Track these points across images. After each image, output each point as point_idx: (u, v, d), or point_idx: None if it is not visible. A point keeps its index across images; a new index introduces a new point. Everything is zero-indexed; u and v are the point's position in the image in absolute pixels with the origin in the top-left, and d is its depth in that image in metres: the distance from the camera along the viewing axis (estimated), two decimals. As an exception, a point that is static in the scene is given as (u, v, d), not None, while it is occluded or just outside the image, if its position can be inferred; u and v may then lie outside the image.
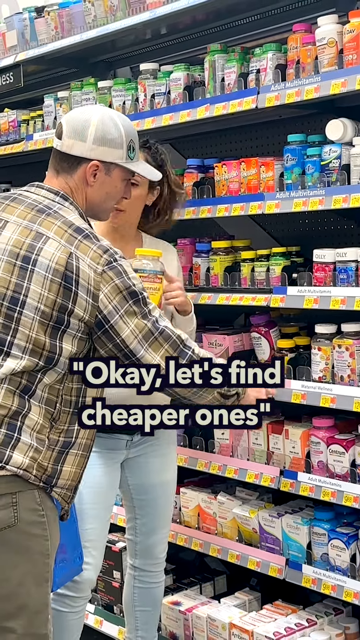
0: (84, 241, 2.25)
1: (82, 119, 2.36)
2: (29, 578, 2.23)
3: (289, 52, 2.98)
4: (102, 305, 2.24)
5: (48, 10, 3.96)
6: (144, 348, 2.28)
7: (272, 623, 3.07)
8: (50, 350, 2.23)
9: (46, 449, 2.25)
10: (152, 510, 3.06)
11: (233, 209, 3.16)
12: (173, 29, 3.67)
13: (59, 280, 2.21)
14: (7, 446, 2.20)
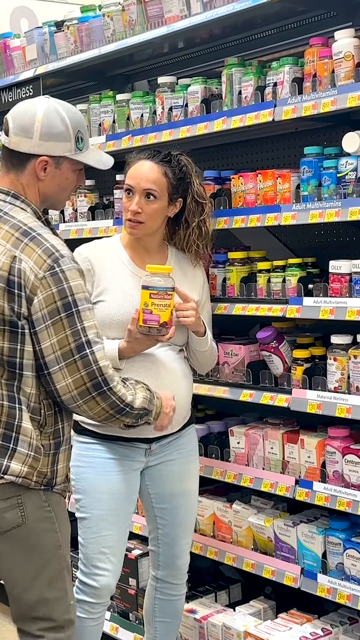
0: (29, 244, 2.22)
1: (27, 114, 2.32)
2: (44, 571, 2.30)
3: (306, 65, 2.97)
4: (33, 310, 2.20)
5: (68, 24, 3.96)
6: (58, 366, 2.22)
7: (288, 632, 3.04)
8: (10, 355, 2.22)
9: (43, 457, 2.29)
10: (173, 519, 3.02)
11: (249, 220, 3.14)
12: (190, 43, 3.67)
13: (3, 285, 2.20)
14: (4, 456, 2.23)
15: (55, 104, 2.36)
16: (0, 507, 2.24)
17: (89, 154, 2.43)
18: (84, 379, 2.23)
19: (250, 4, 2.98)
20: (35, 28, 4.28)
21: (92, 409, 2.28)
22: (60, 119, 2.33)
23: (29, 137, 2.30)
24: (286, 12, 3.20)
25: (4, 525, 2.26)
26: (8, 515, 2.25)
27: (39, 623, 2.34)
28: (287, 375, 3.10)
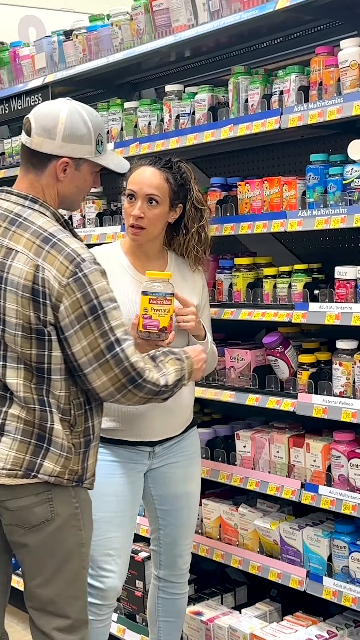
0: (51, 251, 2.23)
1: (51, 116, 2.32)
2: (64, 568, 2.34)
3: (312, 74, 2.97)
4: (60, 317, 2.22)
5: (76, 33, 3.97)
6: (92, 367, 2.25)
7: (293, 634, 3.04)
8: (37, 361, 2.24)
9: (75, 456, 2.32)
10: (175, 520, 3.03)
11: (256, 227, 3.15)
12: (197, 52, 3.68)
13: (28, 295, 2.22)
14: (38, 456, 2.27)
15: (77, 106, 2.37)
16: (32, 502, 2.28)
17: (108, 157, 2.45)
18: (118, 376, 2.26)
19: (257, 14, 2.99)
20: (44, 37, 4.29)
21: (130, 400, 2.33)
22: (83, 122, 2.33)
23: (51, 138, 2.31)
24: (292, 21, 3.21)
25: (33, 519, 2.29)
26: (38, 510, 2.29)
27: (53, 621, 2.37)
28: (293, 380, 3.10)
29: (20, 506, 2.28)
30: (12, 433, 2.26)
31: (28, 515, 2.29)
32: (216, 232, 3.31)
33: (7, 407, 2.28)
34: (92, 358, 2.23)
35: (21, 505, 2.28)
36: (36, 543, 2.31)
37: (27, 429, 2.26)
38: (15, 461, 2.25)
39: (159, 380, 2.34)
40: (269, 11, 2.95)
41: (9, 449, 2.26)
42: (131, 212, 2.81)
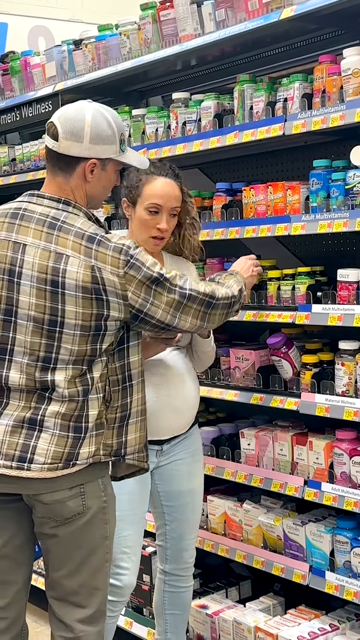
0: (99, 249, 2.28)
1: (77, 119, 2.32)
2: (89, 560, 2.36)
3: (315, 81, 2.97)
4: (132, 302, 2.30)
5: (86, 42, 3.97)
6: (177, 317, 2.38)
7: (296, 627, 3.03)
8: (91, 355, 2.30)
9: (107, 430, 2.35)
10: (181, 516, 3.03)
11: (260, 230, 3.14)
12: (203, 60, 3.68)
13: (89, 295, 2.26)
14: (75, 447, 2.30)
15: (99, 107, 2.38)
16: (65, 496, 2.30)
17: (129, 155, 2.46)
18: (198, 309, 2.42)
19: (262, 23, 2.99)
20: (54, 46, 4.29)
21: (215, 322, 2.52)
22: (107, 123, 2.35)
23: (79, 141, 2.32)
24: (296, 30, 3.20)
25: (66, 512, 2.31)
26: (71, 503, 2.31)
27: (75, 611, 2.38)
28: (296, 380, 3.10)
29: (55, 500, 2.30)
30: (51, 429, 2.28)
31: (61, 509, 2.31)
32: (222, 236, 3.31)
33: (46, 405, 2.29)
34: (174, 311, 2.37)
35: (56, 499, 2.30)
36: (65, 535, 2.33)
37: (64, 424, 2.28)
38: (55, 455, 2.27)
39: (227, 294, 2.53)
40: (273, 21, 2.95)
41: (49, 444, 2.27)
42: (156, 225, 2.79)
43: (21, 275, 2.28)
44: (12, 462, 2.27)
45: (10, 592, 2.43)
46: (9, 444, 2.28)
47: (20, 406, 2.30)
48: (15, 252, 2.30)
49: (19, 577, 2.44)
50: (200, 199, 3.58)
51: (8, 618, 2.44)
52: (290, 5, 2.91)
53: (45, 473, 2.27)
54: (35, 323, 2.27)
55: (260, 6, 3.03)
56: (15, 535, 2.40)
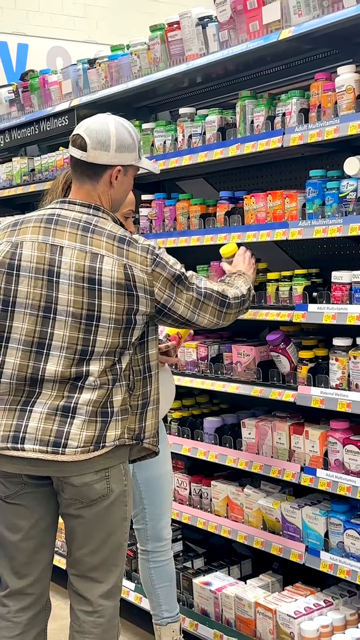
0: (130, 249, 2.33)
1: (103, 131, 2.37)
2: (109, 539, 2.39)
3: (312, 97, 2.96)
4: (158, 297, 2.35)
5: (99, 62, 3.97)
6: (196, 314, 2.45)
7: (293, 603, 3.03)
8: (122, 347, 2.34)
9: (131, 415, 2.39)
10: (160, 497, 3.07)
11: (260, 235, 3.14)
12: (208, 78, 3.67)
13: (123, 291, 2.30)
14: (103, 430, 2.32)
15: (119, 119, 2.43)
16: (92, 479, 2.32)
17: (144, 161, 2.52)
18: (214, 307, 2.48)
19: (262, 44, 2.98)
20: (70, 65, 4.29)
21: (228, 319, 2.57)
22: (128, 133, 2.40)
23: (106, 150, 2.36)
24: (293, 50, 3.19)
25: (92, 495, 2.33)
26: (97, 486, 2.33)
27: (94, 586, 2.40)
28: (294, 374, 3.09)
29: (84, 482, 2.32)
30: (83, 415, 2.30)
31: (88, 491, 2.33)
32: (225, 240, 3.30)
33: (79, 393, 2.31)
34: (194, 307, 2.43)
35: (84, 481, 2.31)
36: (90, 516, 2.35)
37: (94, 410, 2.31)
38: (87, 439, 2.29)
39: (237, 294, 2.58)
40: (272, 41, 2.94)
41: (80, 430, 2.29)
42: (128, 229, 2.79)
43: (59, 275, 2.30)
44: (48, 447, 2.28)
45: (36, 571, 2.44)
46: (43, 430, 2.29)
47: (54, 395, 2.31)
48: (53, 254, 2.32)
49: (44, 557, 2.45)
50: (204, 206, 3.57)
51: (34, 594, 2.46)
52: (288, 27, 2.91)
53: (79, 456, 2.28)
54: (74, 318, 2.29)
55: (260, 28, 3.03)
56: (42, 518, 2.41)
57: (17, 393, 2.34)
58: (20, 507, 2.38)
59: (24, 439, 2.29)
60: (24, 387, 2.33)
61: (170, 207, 3.69)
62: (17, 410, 2.32)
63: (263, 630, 3.05)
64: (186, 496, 3.62)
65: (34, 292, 2.31)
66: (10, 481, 2.37)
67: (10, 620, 2.45)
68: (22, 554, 2.41)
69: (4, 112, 4.89)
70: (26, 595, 2.45)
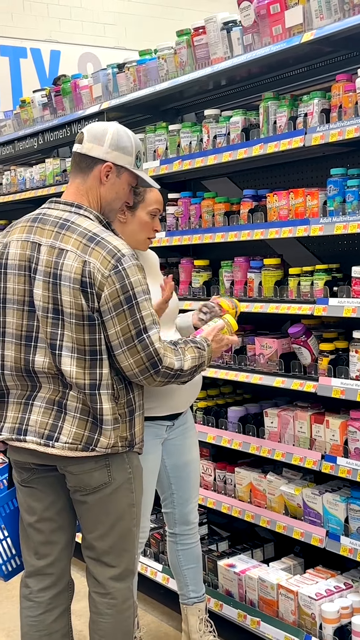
0: (95, 248, 2.24)
1: (102, 128, 2.37)
2: (119, 523, 2.37)
3: (333, 98, 2.92)
4: (101, 303, 2.23)
5: (128, 66, 3.96)
6: (122, 349, 2.25)
7: (314, 585, 3.00)
8: (90, 345, 2.24)
9: (122, 424, 2.32)
10: (187, 483, 3.05)
11: (282, 232, 3.11)
12: (232, 80, 3.64)
13: (78, 286, 2.22)
14: (95, 432, 2.28)
15: (125, 128, 2.42)
16: (92, 467, 2.31)
17: (143, 173, 2.47)
18: (142, 360, 2.26)
19: (285, 46, 2.95)
20: (100, 70, 4.28)
21: (150, 383, 2.33)
22: (127, 136, 2.38)
23: (100, 144, 2.34)
24: (315, 52, 3.15)
25: (93, 482, 2.32)
26: (97, 474, 2.31)
27: (106, 570, 2.39)
28: (315, 365, 3.06)
29: (82, 470, 2.31)
30: (73, 412, 2.28)
31: (89, 479, 2.31)
32: (248, 237, 3.28)
33: (69, 390, 2.29)
34: (123, 341, 2.23)
35: (83, 469, 2.30)
36: (94, 502, 2.34)
37: (85, 409, 2.28)
38: (75, 437, 2.27)
39: (173, 365, 2.31)
40: (295, 44, 2.90)
41: (71, 426, 2.27)
42: (155, 227, 2.79)
43: (36, 271, 2.29)
44: (42, 439, 2.29)
45: (55, 551, 2.45)
46: (40, 423, 2.30)
47: (51, 389, 2.31)
48: (33, 251, 2.31)
49: (62, 538, 2.46)
50: (229, 204, 3.55)
51: (54, 574, 2.47)
52: (310, 30, 2.87)
53: (66, 452, 2.27)
54: (43, 312, 2.27)
55: (283, 31, 2.99)
56: (55, 500, 2.42)
57: (22, 387, 2.35)
58: (35, 490, 2.41)
59: (26, 430, 2.32)
60: (25, 381, 2.34)
61: (196, 205, 3.67)
62: (22, 403, 2.35)
63: (285, 611, 3.03)
64: (211, 482, 3.60)
65: (18, 288, 2.31)
66: (22, 467, 2.41)
67: (33, 600, 2.47)
68: (39, 534, 2.43)
69: (38, 115, 4.90)
70: (46, 575, 2.46)
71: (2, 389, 2.39)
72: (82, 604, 2.63)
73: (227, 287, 3.51)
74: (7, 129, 5.30)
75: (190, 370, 2.38)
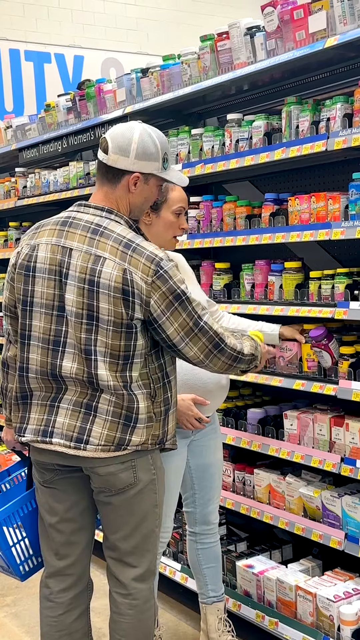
0: (134, 255, 2.24)
1: (125, 136, 2.31)
2: (141, 525, 2.36)
3: (356, 103, 2.90)
4: (152, 309, 2.24)
5: (152, 71, 3.96)
6: (184, 342, 2.28)
7: (333, 587, 2.99)
8: (125, 350, 2.25)
9: (155, 422, 2.33)
10: (210, 484, 3.05)
11: (304, 236, 3.10)
12: (254, 85, 3.63)
13: (119, 295, 2.22)
14: (126, 433, 2.28)
15: (147, 128, 2.36)
16: (118, 469, 2.30)
17: (171, 172, 2.44)
18: (205, 344, 2.30)
19: (308, 51, 2.94)
20: (124, 74, 4.29)
21: (216, 364, 2.36)
22: (152, 142, 2.33)
23: (126, 155, 2.31)
24: (338, 57, 3.13)
25: (118, 483, 2.32)
26: (123, 475, 2.31)
27: (128, 570, 2.38)
28: (335, 368, 3.04)
29: (109, 472, 2.30)
30: (104, 415, 2.27)
31: (114, 480, 2.31)
32: (269, 240, 3.27)
33: (100, 393, 2.28)
34: (184, 335, 2.27)
35: (110, 471, 2.30)
36: (119, 503, 2.33)
37: (117, 411, 2.27)
38: (107, 439, 2.27)
39: (236, 346, 2.38)
40: (318, 49, 2.89)
41: (102, 428, 2.27)
42: (179, 225, 2.79)
43: (68, 276, 2.28)
44: (71, 442, 2.28)
45: (75, 552, 2.45)
46: (68, 426, 2.29)
47: (78, 392, 2.30)
48: (64, 256, 2.29)
49: (82, 538, 2.45)
50: (250, 208, 3.54)
51: (74, 574, 2.46)
52: (333, 35, 2.85)
53: (99, 453, 2.27)
54: (76, 318, 2.27)
55: (306, 36, 2.98)
56: (77, 501, 2.41)
57: (47, 389, 2.34)
58: (57, 491, 2.40)
59: (52, 433, 2.31)
60: (50, 384, 2.33)
61: (217, 208, 3.67)
62: (47, 405, 2.34)
63: (303, 612, 3.01)
64: (230, 483, 3.60)
65: (47, 292, 2.31)
66: (45, 468, 2.40)
67: (53, 601, 2.46)
68: (60, 535, 2.42)
69: (62, 119, 4.91)
70: (67, 575, 2.45)
71: (26, 391, 2.38)
72: (101, 602, 2.64)
73: (248, 290, 3.50)
74: (32, 133, 5.33)
75: (249, 356, 2.43)
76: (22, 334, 2.36)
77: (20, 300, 2.36)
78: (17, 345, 2.40)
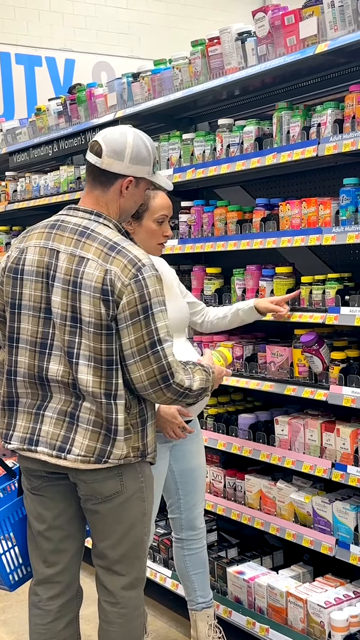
0: (117, 256, 2.22)
1: (120, 141, 2.31)
2: (129, 533, 2.35)
3: (346, 108, 2.92)
4: (118, 311, 2.20)
5: (143, 75, 3.97)
6: (134, 359, 2.21)
7: (324, 593, 2.99)
8: (107, 354, 2.22)
9: (134, 434, 2.30)
10: (194, 488, 3.05)
11: (295, 241, 3.11)
12: (246, 90, 3.65)
13: (99, 295, 2.20)
14: (107, 444, 2.25)
15: (139, 132, 2.38)
16: (104, 477, 2.29)
17: (158, 176, 2.46)
18: (154, 372, 2.22)
19: (299, 57, 2.95)
20: (115, 79, 4.30)
21: (159, 397, 2.28)
22: (145, 146, 2.34)
23: (120, 159, 2.31)
24: (329, 63, 3.15)
25: (104, 491, 2.30)
26: (110, 483, 2.29)
27: (116, 579, 2.37)
28: (326, 374, 3.05)
29: (95, 479, 2.29)
30: (85, 424, 2.26)
31: (100, 488, 2.30)
32: (260, 245, 3.28)
33: (82, 400, 2.27)
34: (136, 351, 2.20)
35: (95, 478, 2.29)
36: (106, 511, 2.32)
37: (98, 421, 2.25)
38: (88, 449, 2.25)
39: (184, 382, 2.27)
40: (309, 55, 2.91)
41: (83, 438, 2.25)
42: (163, 233, 2.80)
43: (54, 278, 2.27)
44: (54, 450, 2.27)
45: (64, 560, 2.43)
46: (52, 434, 2.28)
47: (62, 400, 2.29)
48: (51, 258, 2.30)
49: (71, 546, 2.44)
50: (241, 213, 3.55)
51: (62, 582, 2.45)
52: (324, 41, 2.87)
53: (78, 464, 2.26)
54: (60, 320, 2.26)
55: (297, 42, 3.00)
56: (65, 509, 2.40)
57: (32, 396, 2.34)
58: (44, 498, 2.39)
59: (37, 441, 2.31)
60: (37, 389, 2.32)
61: (209, 213, 3.68)
62: (33, 413, 2.33)
63: (294, 618, 3.02)
64: (221, 489, 3.60)
65: (34, 294, 2.30)
66: (33, 475, 2.39)
67: (42, 609, 2.45)
68: (48, 542, 2.41)
69: (53, 123, 4.92)
70: (55, 583, 2.44)
71: (12, 396, 2.37)
72: (91, 609, 2.63)
73: (239, 295, 3.51)
74: (22, 137, 5.33)
75: (197, 391, 2.34)
76: (11, 337, 2.36)
77: (9, 303, 2.36)
78: (5, 349, 2.39)
